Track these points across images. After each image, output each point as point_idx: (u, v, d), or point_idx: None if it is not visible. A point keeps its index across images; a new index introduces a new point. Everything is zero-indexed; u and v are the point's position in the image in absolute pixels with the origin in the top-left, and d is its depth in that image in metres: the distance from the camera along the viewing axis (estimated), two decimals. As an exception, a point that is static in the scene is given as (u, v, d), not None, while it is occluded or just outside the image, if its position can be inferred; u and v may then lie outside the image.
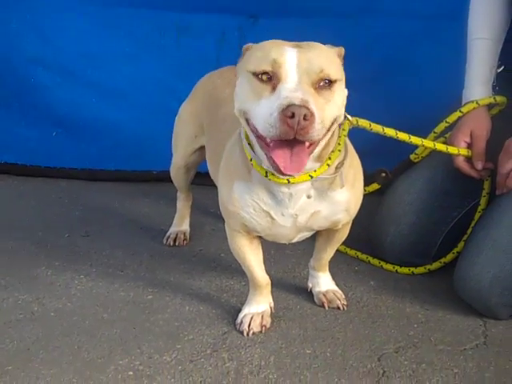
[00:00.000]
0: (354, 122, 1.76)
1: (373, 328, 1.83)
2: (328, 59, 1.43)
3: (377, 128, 1.89)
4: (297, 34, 2.76)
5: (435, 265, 2.14)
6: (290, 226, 1.65)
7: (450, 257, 2.11)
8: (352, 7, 2.74)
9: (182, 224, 2.39)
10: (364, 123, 1.84)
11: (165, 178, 2.91)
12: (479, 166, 1.95)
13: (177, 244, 2.32)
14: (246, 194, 1.60)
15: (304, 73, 1.35)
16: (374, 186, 2.21)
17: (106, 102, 2.89)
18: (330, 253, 1.92)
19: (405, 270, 2.16)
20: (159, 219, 2.56)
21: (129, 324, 1.80)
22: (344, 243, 2.18)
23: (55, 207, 2.69)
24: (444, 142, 2.03)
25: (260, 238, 1.79)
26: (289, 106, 1.28)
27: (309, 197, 1.59)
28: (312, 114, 1.29)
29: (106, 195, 2.82)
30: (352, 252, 2.25)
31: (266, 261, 2.14)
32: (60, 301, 1.92)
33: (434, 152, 2.02)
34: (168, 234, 2.37)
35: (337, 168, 1.59)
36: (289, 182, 1.52)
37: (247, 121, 1.43)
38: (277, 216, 1.61)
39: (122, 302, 1.92)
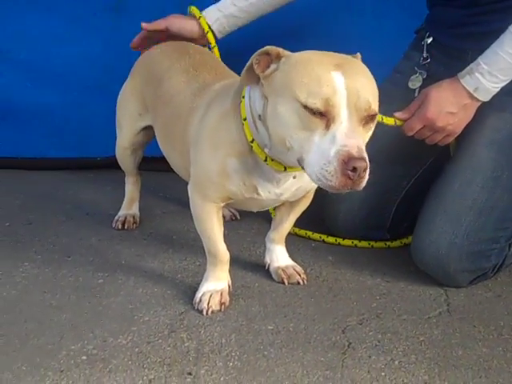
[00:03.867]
0: None
1: (335, 302, 1.78)
2: (372, 89, 1.40)
3: None
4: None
5: (395, 243, 2.12)
6: (272, 201, 1.68)
7: (411, 239, 2.07)
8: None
9: (131, 207, 2.29)
10: None
11: (110, 164, 2.80)
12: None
13: (126, 227, 2.22)
14: (240, 169, 1.57)
15: (354, 110, 1.32)
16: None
17: (42, 86, 2.73)
18: (291, 221, 1.88)
19: (364, 243, 2.13)
20: (106, 205, 2.45)
21: (79, 309, 1.70)
22: (294, 224, 2.14)
23: (-7, 197, 2.54)
24: None
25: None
26: (350, 158, 1.26)
27: (294, 177, 1.61)
28: (368, 165, 1.29)
29: (47, 184, 2.68)
30: (302, 232, 2.19)
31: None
32: (4, 289, 1.78)
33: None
34: (117, 217, 2.26)
35: None
36: (285, 169, 1.54)
37: (288, 148, 1.39)
38: (263, 192, 1.62)
39: (70, 287, 1.81)
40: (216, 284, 1.74)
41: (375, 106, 1.37)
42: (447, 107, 1.80)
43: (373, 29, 2.69)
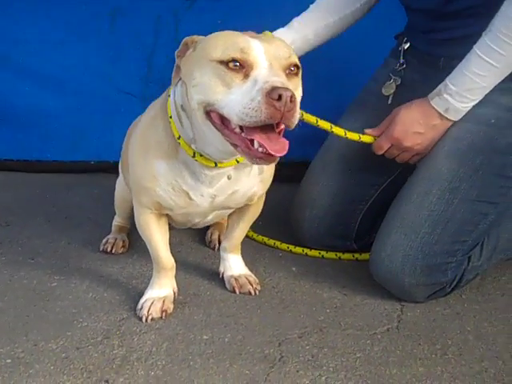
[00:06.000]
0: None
1: (282, 314, 1.74)
2: (290, 46, 1.41)
3: (324, 125, 1.85)
4: (233, 17, 2.71)
5: (364, 256, 2.06)
6: (207, 205, 1.63)
7: None
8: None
9: (120, 233, 2.15)
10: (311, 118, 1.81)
11: (103, 168, 2.86)
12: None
13: (113, 251, 2.06)
14: (167, 173, 1.56)
15: (273, 58, 1.32)
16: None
17: (39, 90, 2.79)
18: (243, 230, 1.85)
19: (331, 255, 2.08)
20: (88, 209, 2.47)
21: (22, 312, 1.71)
22: (265, 233, 2.13)
23: (-18, 198, 2.59)
24: None
25: (170, 219, 1.76)
26: (273, 88, 1.22)
27: (229, 178, 1.58)
28: (295, 97, 1.25)
29: (38, 186, 2.72)
30: (271, 242, 2.15)
31: (186, 247, 2.10)
32: (-44, 289, 1.82)
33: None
34: (105, 239, 2.12)
35: None
36: (216, 165, 1.51)
37: (208, 112, 1.36)
38: (195, 196, 1.59)
39: (22, 289, 1.82)
40: (159, 291, 1.73)
41: (295, 59, 1.37)
42: (414, 127, 1.78)
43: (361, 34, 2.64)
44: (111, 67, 2.80)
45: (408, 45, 1.97)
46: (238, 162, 1.54)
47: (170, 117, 1.52)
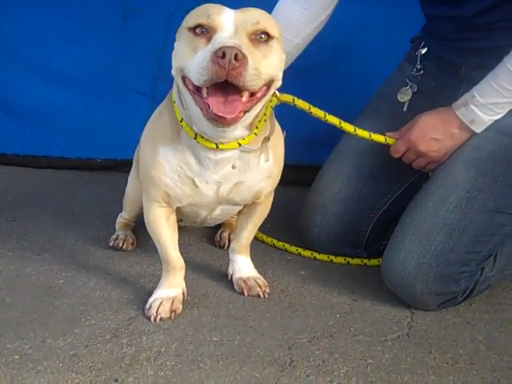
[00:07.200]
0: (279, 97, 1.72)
1: (291, 317, 1.72)
2: (265, 16, 1.43)
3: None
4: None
5: (372, 261, 2.04)
6: (212, 194, 1.61)
7: None
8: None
9: (127, 230, 2.14)
10: (288, 98, 1.76)
11: (109, 166, 2.85)
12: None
13: (124, 247, 2.04)
14: (172, 159, 1.57)
15: (240, 24, 1.35)
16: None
17: (49, 85, 2.76)
18: (251, 230, 1.84)
19: (340, 259, 2.06)
20: (94, 206, 2.45)
21: (29, 308, 1.69)
22: (273, 236, 2.12)
23: (-13, 192, 2.56)
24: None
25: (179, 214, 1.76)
26: (220, 48, 1.27)
27: (234, 167, 1.57)
28: (244, 57, 1.27)
29: (45, 182, 2.70)
30: (280, 244, 2.13)
31: (194, 248, 2.08)
32: (-37, 283, 1.80)
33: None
34: (115, 235, 2.10)
35: (263, 142, 1.57)
36: (217, 146, 1.50)
37: (183, 79, 1.40)
38: (201, 184, 1.59)
39: (29, 285, 1.81)
40: (168, 291, 1.71)
41: (267, 26, 1.38)
42: (432, 133, 1.77)
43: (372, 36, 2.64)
44: (121, 65, 2.78)
45: (425, 50, 1.95)
46: (240, 145, 1.52)
47: (174, 102, 1.54)
